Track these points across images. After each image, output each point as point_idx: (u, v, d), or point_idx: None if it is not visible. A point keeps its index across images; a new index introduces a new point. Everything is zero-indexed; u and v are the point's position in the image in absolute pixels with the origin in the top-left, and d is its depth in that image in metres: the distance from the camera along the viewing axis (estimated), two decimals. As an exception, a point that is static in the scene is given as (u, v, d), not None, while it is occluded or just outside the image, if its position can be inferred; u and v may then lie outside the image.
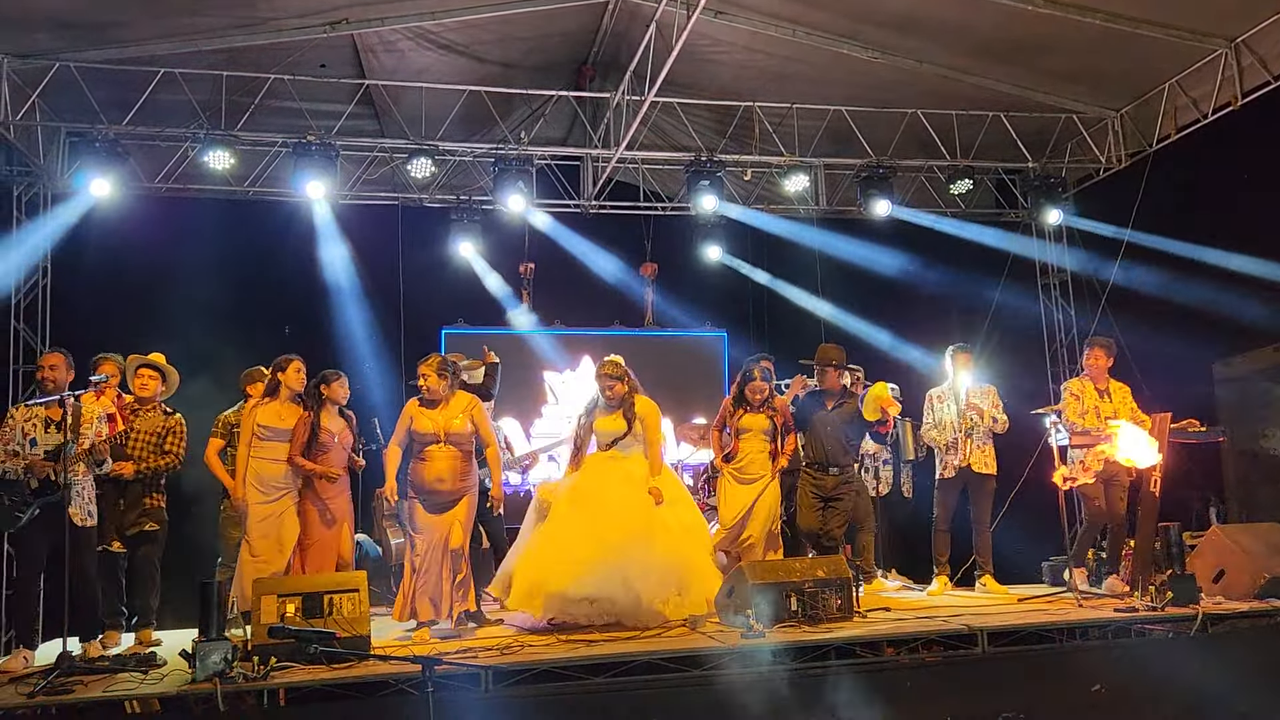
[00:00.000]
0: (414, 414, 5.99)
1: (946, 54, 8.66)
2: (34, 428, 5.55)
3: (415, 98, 8.72)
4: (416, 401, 6.08)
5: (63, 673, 4.79)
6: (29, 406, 5.63)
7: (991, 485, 7.35)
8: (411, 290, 9.52)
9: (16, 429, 5.54)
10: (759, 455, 6.69)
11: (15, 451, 5.46)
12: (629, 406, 6.30)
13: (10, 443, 5.48)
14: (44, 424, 5.57)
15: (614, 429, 6.27)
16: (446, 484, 5.92)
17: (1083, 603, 6.32)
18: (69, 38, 7.65)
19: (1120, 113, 9.53)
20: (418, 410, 6.00)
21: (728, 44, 8.59)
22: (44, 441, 5.51)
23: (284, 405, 6.21)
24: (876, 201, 9.43)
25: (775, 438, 6.72)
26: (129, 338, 6.91)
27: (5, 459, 5.42)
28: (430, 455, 5.93)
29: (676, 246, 10.25)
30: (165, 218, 8.82)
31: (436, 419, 5.96)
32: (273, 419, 6.14)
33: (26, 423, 5.56)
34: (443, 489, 5.92)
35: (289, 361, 6.26)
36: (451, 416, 5.99)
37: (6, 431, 5.53)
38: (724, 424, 6.89)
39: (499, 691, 4.74)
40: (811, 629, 5.55)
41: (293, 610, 5.14)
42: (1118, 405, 7.02)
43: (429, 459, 5.93)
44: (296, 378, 6.22)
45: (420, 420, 5.96)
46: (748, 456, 6.69)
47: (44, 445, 5.50)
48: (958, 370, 7.40)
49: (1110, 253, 9.37)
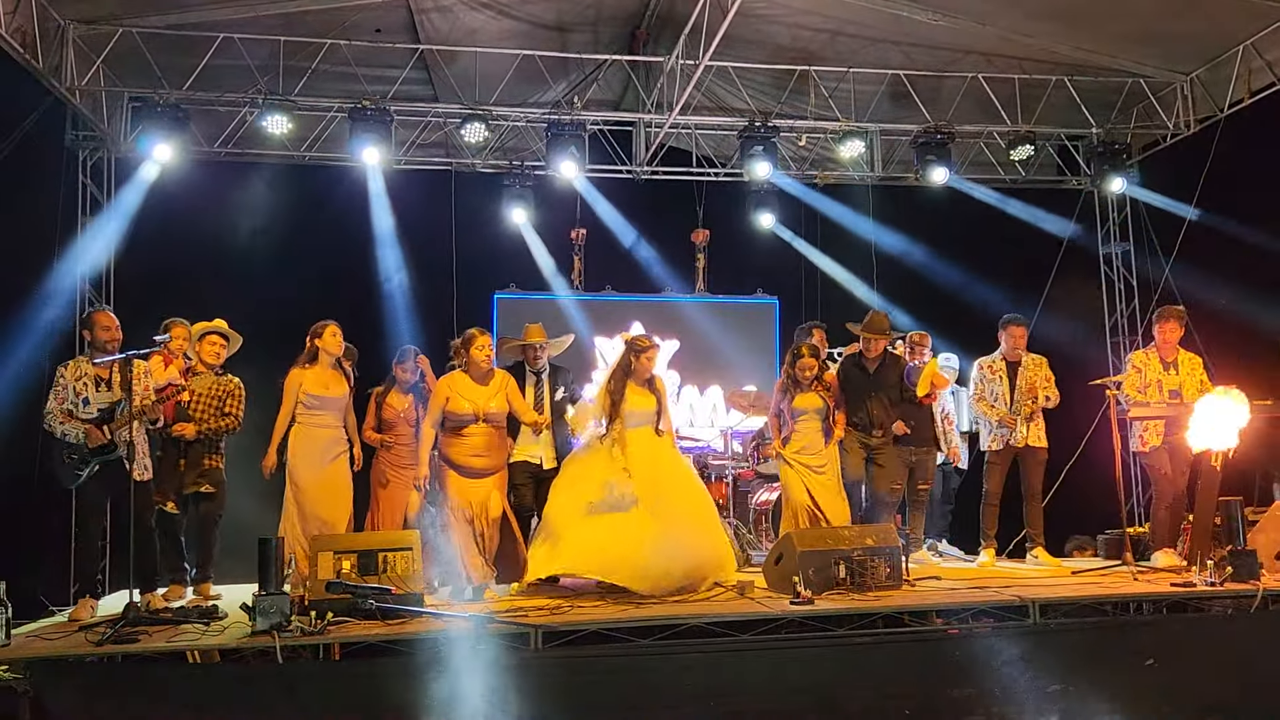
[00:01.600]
0: (450, 395, 5.93)
1: (1009, 16, 8.44)
2: (85, 386, 5.60)
3: (469, 62, 8.73)
4: (452, 380, 6.01)
5: (129, 622, 4.94)
6: (80, 364, 5.66)
7: (1043, 457, 7.23)
8: (464, 255, 9.57)
9: (69, 387, 5.60)
10: (819, 436, 6.67)
11: (69, 410, 5.56)
12: (653, 380, 6.29)
13: (65, 402, 5.57)
14: (94, 382, 5.63)
15: (647, 406, 6.20)
16: (483, 460, 5.97)
17: (1138, 576, 6.23)
18: (132, 4, 7.77)
19: (1190, 76, 9.23)
20: (453, 391, 5.94)
21: (783, 6, 8.45)
22: (96, 400, 5.59)
23: (326, 372, 6.24)
24: (934, 168, 9.27)
25: (828, 415, 6.70)
26: (188, 300, 7.06)
27: (62, 419, 5.55)
28: (468, 433, 5.93)
29: (729, 212, 10.19)
30: (224, 181, 8.98)
31: (476, 399, 5.93)
32: (318, 388, 6.17)
33: (77, 381, 5.61)
34: (479, 465, 5.96)
35: (324, 326, 6.27)
36: (490, 396, 5.98)
37: (60, 391, 5.60)
38: (778, 408, 6.84)
39: (548, 650, 4.80)
40: (860, 597, 5.54)
41: (348, 567, 5.25)
42: (1184, 378, 6.86)
43: (467, 436, 5.93)
44: (333, 341, 6.25)
45: (457, 401, 5.91)
46: (808, 438, 6.66)
47: (96, 404, 5.59)
48: (1009, 341, 7.28)
49: (1175, 222, 9.13)
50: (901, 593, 5.72)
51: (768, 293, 10.45)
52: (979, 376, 7.36)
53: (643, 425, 6.18)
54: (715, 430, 9.39)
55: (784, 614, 5.19)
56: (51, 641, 4.90)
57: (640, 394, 6.19)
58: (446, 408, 5.93)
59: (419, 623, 5.00)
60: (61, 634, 5.08)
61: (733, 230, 10.23)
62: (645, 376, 6.23)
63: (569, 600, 5.66)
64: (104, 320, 5.74)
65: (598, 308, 10.04)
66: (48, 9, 7.51)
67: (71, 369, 5.66)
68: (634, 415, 6.14)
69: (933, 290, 9.72)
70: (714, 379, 9.96)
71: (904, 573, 5.94)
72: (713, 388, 10.01)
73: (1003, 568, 7.04)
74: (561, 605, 5.45)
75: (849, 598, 5.52)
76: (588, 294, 10.07)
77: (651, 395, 6.21)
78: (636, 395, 6.17)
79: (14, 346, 7.62)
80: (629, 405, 6.13)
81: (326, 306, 7.54)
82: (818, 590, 5.52)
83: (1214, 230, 8.49)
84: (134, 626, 4.93)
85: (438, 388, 6.05)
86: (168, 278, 8.38)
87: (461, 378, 6.02)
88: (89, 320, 5.81)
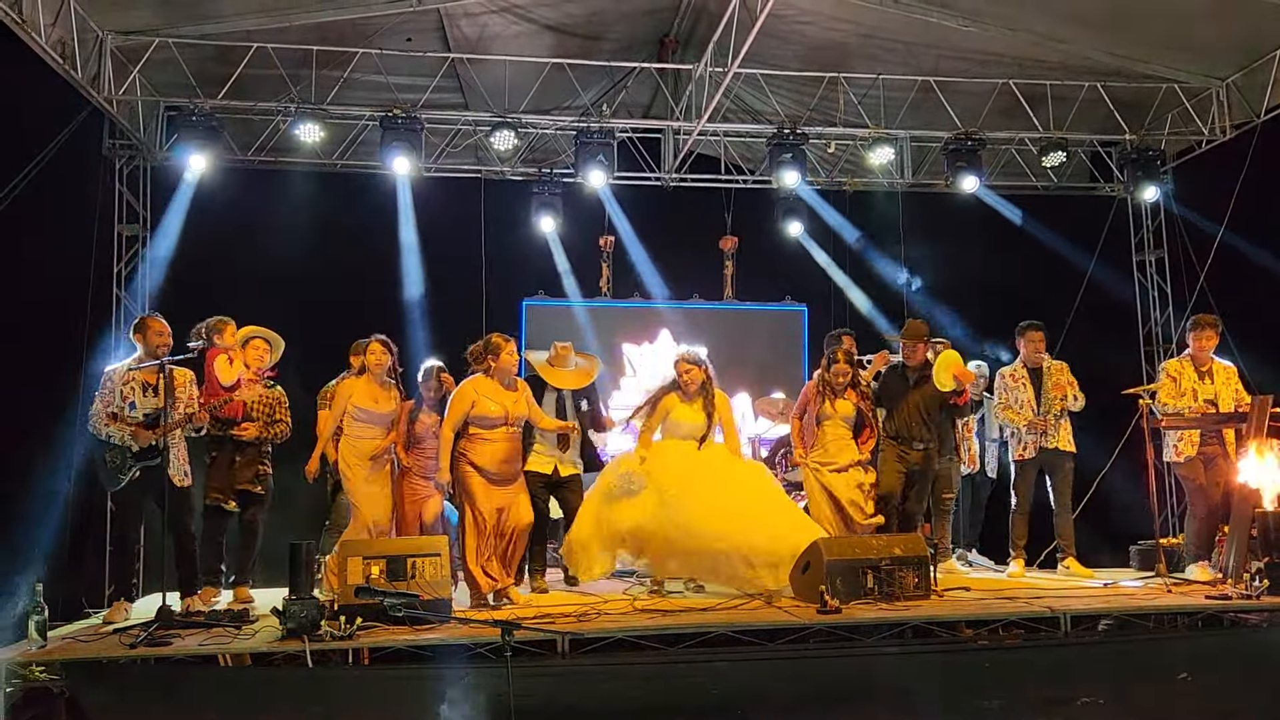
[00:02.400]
0: (476, 398, 5.91)
1: (1041, 21, 8.38)
2: (132, 391, 5.70)
3: (498, 70, 8.79)
4: (477, 384, 5.99)
5: (161, 625, 5.01)
6: (128, 368, 5.76)
7: (1071, 465, 7.15)
8: (493, 261, 9.61)
9: (115, 391, 5.70)
10: (843, 442, 6.63)
11: (114, 414, 5.65)
12: (709, 399, 6.31)
13: (110, 405, 5.67)
14: (142, 388, 5.73)
15: (695, 422, 6.28)
16: (509, 465, 6.00)
17: (1172, 589, 6.15)
18: (168, 15, 7.89)
19: (1226, 81, 9.11)
20: (480, 395, 5.93)
21: (812, 13, 8.44)
22: (142, 405, 5.68)
23: (373, 387, 6.29)
24: (964, 177, 9.21)
25: (858, 423, 6.66)
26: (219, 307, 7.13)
27: (107, 421, 5.64)
28: (494, 437, 5.93)
29: (757, 219, 10.17)
30: (256, 188, 9.07)
31: (504, 403, 5.94)
32: (367, 402, 6.24)
33: (125, 386, 5.70)
34: (506, 470, 5.98)
35: (367, 344, 6.34)
36: (517, 400, 6.01)
37: (106, 394, 5.70)
38: (804, 411, 6.81)
39: (576, 658, 4.81)
40: (888, 607, 5.51)
41: (377, 572, 5.28)
42: (1220, 387, 6.77)
43: (492, 440, 5.93)
44: (373, 359, 6.30)
45: (484, 404, 5.90)
46: (835, 444, 6.62)
47: (142, 409, 5.68)
48: (1029, 347, 7.21)
49: (1211, 229, 9.00)
50: (930, 603, 5.69)
51: (796, 300, 10.42)
52: (1002, 385, 7.30)
53: (689, 439, 6.30)
54: (744, 438, 9.36)
55: (812, 623, 5.17)
56: (87, 644, 4.97)
57: (688, 408, 6.30)
58: (473, 411, 5.91)
59: (447, 629, 5.03)
60: (96, 636, 5.16)
61: (761, 237, 10.21)
62: (690, 391, 6.29)
63: (595, 607, 5.67)
64: (156, 325, 5.82)
65: (626, 314, 10.06)
66: (87, 20, 7.64)
67: (120, 373, 5.75)
68: (679, 427, 6.31)
69: (964, 298, 9.65)
70: (742, 386, 9.93)
71: (932, 582, 5.90)
72: (741, 395, 9.97)
73: (1033, 578, 6.96)
74: (589, 613, 5.46)
75: (877, 607, 5.49)
76: (616, 300, 10.08)
77: (702, 414, 6.29)
78: (682, 408, 6.30)
79: (51, 351, 7.75)
80: (674, 415, 6.30)
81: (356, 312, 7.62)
82: (845, 599, 5.50)
83: (1251, 236, 8.37)
84: (167, 629, 5.00)
85: (461, 391, 6.00)
86: (199, 284, 8.48)
87: (486, 382, 6.01)
88: (141, 325, 5.87)
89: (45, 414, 7.32)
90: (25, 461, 7.10)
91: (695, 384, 6.29)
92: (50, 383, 7.58)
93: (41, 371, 7.60)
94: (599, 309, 9.92)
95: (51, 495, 7.41)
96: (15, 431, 7.09)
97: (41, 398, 7.40)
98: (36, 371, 7.56)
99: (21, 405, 7.26)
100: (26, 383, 7.45)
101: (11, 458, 7.03)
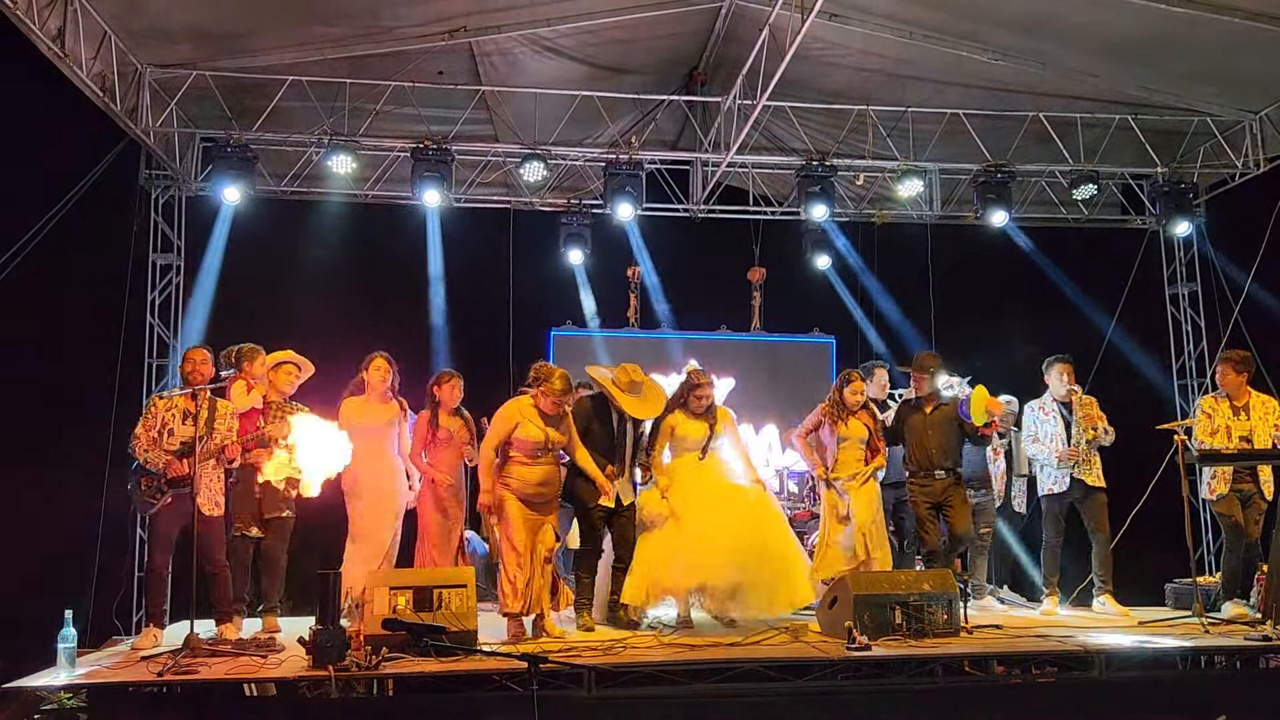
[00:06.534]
0: (520, 421, 5.87)
1: (1071, 55, 8.37)
2: (172, 418, 5.77)
3: (528, 102, 8.88)
4: (521, 407, 5.93)
5: (189, 653, 5.02)
6: (173, 397, 5.83)
7: (1103, 499, 7.03)
8: (521, 291, 9.66)
9: (158, 418, 5.77)
10: (858, 465, 6.66)
11: (155, 439, 5.71)
12: (710, 412, 6.44)
13: (153, 430, 5.74)
14: (181, 416, 5.78)
15: (701, 434, 6.40)
16: (550, 490, 5.99)
17: (1209, 628, 6.02)
18: (206, 49, 8.05)
19: (1260, 114, 9.05)
20: (524, 418, 5.88)
21: (842, 47, 8.47)
22: (179, 433, 5.73)
23: (371, 401, 6.42)
24: (994, 210, 9.18)
25: (870, 442, 6.70)
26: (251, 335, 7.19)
27: (148, 445, 5.70)
28: (537, 462, 5.91)
29: (785, 251, 10.18)
30: (288, 218, 9.19)
31: (548, 429, 5.92)
32: (360, 416, 6.34)
33: (167, 413, 5.78)
34: (546, 494, 5.97)
35: (371, 359, 6.48)
36: (556, 427, 5.97)
37: (151, 420, 5.77)
38: (814, 429, 6.81)
39: (602, 691, 4.77)
40: (917, 644, 5.43)
41: (404, 603, 5.27)
42: (1256, 423, 6.65)
43: (535, 465, 5.90)
44: (376, 375, 6.41)
45: (529, 429, 5.85)
46: (851, 467, 6.65)
47: (179, 437, 5.73)
48: (1058, 380, 7.13)
49: (1245, 263, 8.92)
50: (960, 639, 5.60)
51: (824, 332, 10.39)
52: (1031, 419, 7.21)
53: (693, 452, 6.40)
54: (770, 470, 9.31)
55: (840, 659, 5.11)
56: (115, 669, 4.99)
57: (692, 423, 6.39)
58: (516, 433, 5.87)
59: (473, 660, 5.00)
60: (125, 662, 5.18)
61: (789, 269, 10.21)
62: (699, 409, 6.38)
63: (622, 640, 5.63)
64: (194, 355, 5.96)
65: (653, 345, 10.06)
66: (127, 54, 7.80)
67: (164, 401, 5.85)
68: (685, 441, 6.38)
69: (993, 331, 9.59)
70: (770, 418, 9.89)
71: (962, 619, 5.81)
72: (768, 426, 9.93)
73: (1067, 616, 6.84)
74: (615, 645, 5.42)
75: (906, 644, 5.42)
76: (644, 331, 10.09)
77: (704, 424, 6.39)
78: (688, 423, 6.38)
79: (84, 376, 7.85)
80: (680, 431, 6.37)
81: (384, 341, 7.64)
82: (873, 635, 5.43)
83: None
84: (194, 657, 5.01)
85: (505, 412, 5.93)
86: (232, 312, 8.59)
87: (531, 406, 5.94)
88: (185, 354, 6.03)
89: (78, 439, 7.40)
90: (57, 486, 7.18)
91: (706, 403, 6.39)
92: (83, 408, 7.68)
93: (75, 396, 7.70)
94: (627, 339, 9.93)
95: (84, 520, 7.49)
96: (49, 456, 7.19)
97: (74, 423, 7.50)
98: (70, 396, 7.67)
99: (57, 430, 7.37)
100: (60, 406, 7.57)
101: (44, 482, 7.12)
